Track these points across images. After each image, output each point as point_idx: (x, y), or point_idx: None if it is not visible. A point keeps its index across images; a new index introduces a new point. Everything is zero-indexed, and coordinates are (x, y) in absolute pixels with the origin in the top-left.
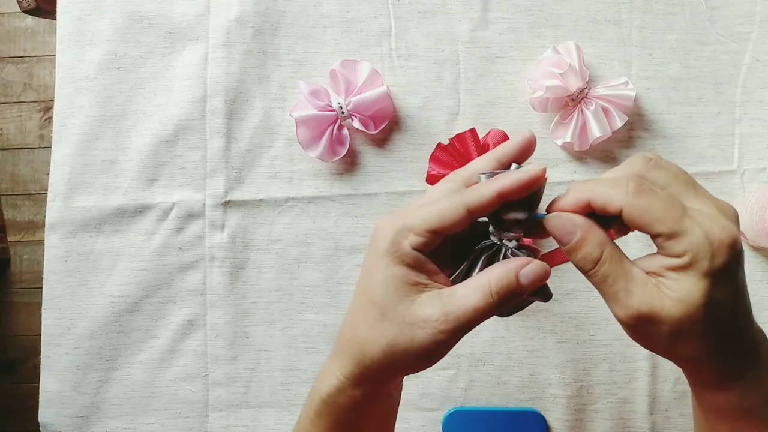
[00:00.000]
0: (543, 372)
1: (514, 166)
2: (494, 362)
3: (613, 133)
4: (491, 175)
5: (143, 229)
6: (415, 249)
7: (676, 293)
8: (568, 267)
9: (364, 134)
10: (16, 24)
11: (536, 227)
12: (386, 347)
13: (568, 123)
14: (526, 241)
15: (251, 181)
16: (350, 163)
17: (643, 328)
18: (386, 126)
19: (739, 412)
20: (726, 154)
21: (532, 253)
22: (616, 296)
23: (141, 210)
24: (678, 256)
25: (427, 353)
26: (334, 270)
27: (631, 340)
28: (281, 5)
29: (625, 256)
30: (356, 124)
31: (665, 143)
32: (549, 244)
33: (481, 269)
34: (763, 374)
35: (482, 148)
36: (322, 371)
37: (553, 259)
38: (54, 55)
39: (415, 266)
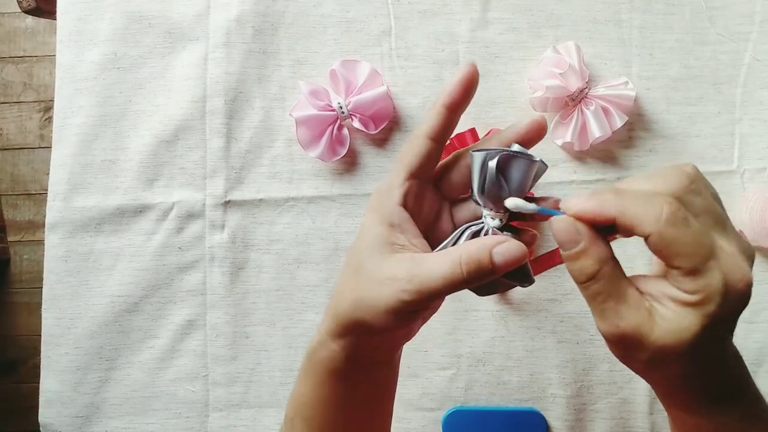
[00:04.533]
0: (543, 372)
1: (516, 146)
2: (494, 362)
3: (613, 133)
4: (492, 152)
5: (143, 229)
6: (400, 204)
7: (670, 324)
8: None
9: (364, 134)
10: (16, 24)
11: (526, 215)
12: (355, 301)
13: (568, 123)
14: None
15: (251, 181)
16: (350, 163)
17: (623, 348)
18: (386, 126)
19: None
20: (726, 154)
21: (520, 234)
22: (604, 313)
23: (141, 210)
24: (689, 293)
25: (392, 312)
26: (334, 270)
27: None
28: (281, 5)
29: (623, 274)
30: (356, 124)
31: (665, 143)
32: (549, 245)
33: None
34: (737, 406)
35: None
36: (316, 331)
37: (552, 259)
38: (54, 55)
39: (397, 226)
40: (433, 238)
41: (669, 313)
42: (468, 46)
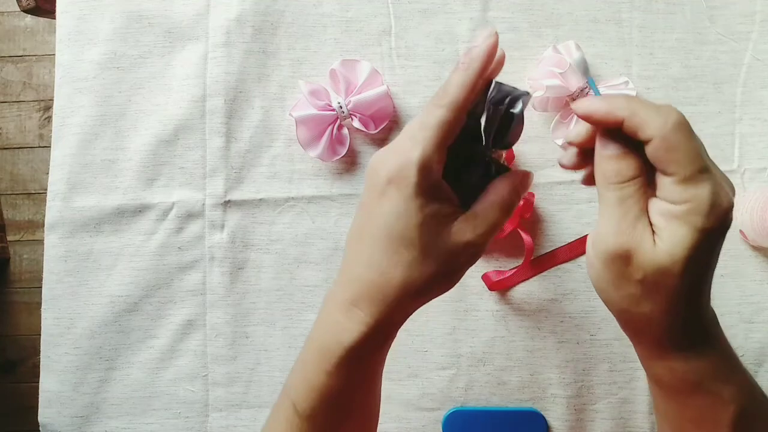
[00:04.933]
0: (543, 372)
1: (505, 86)
2: (494, 362)
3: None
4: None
5: (143, 229)
6: (436, 173)
7: (664, 242)
8: (569, 267)
9: (364, 134)
10: (15, 23)
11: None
12: (430, 278)
13: (568, 122)
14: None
15: (251, 181)
16: (350, 163)
17: (615, 267)
18: (386, 125)
19: (687, 386)
20: (726, 154)
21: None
22: (623, 220)
23: (141, 210)
24: (678, 203)
25: (467, 268)
26: (334, 270)
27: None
28: (281, 5)
29: (646, 197)
30: (356, 123)
31: None
32: (550, 245)
33: (473, 181)
34: (711, 351)
35: None
36: (334, 322)
37: (553, 259)
38: (53, 55)
39: (445, 198)
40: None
41: (664, 233)
42: (468, 46)
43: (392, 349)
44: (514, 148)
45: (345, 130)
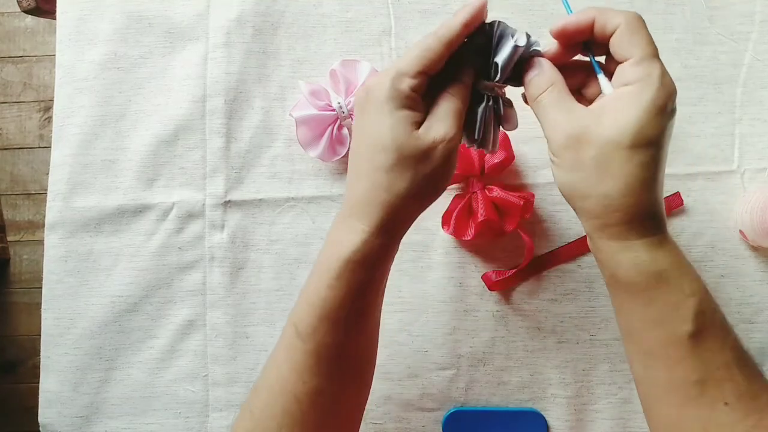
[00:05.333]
0: (543, 372)
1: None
2: (494, 362)
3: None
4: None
5: (143, 229)
6: (413, 90)
7: (612, 116)
8: (569, 267)
9: None
10: (15, 24)
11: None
12: (411, 179)
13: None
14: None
15: (251, 181)
16: None
17: (571, 154)
18: None
19: (651, 279)
20: (726, 154)
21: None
22: (555, 122)
23: (141, 210)
24: (633, 81)
25: (444, 170)
26: None
27: None
28: (281, 5)
29: (571, 97)
30: None
31: None
32: (549, 244)
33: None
34: (670, 242)
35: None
36: (333, 239)
37: (554, 258)
38: (54, 55)
39: (414, 107)
40: None
41: (612, 111)
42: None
43: (392, 349)
44: (514, 148)
45: (345, 130)
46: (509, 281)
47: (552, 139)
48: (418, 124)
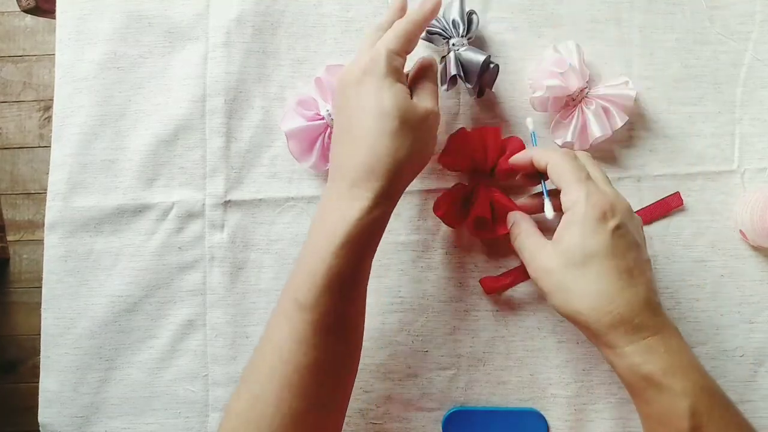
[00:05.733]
0: (543, 372)
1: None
2: (494, 362)
3: (613, 132)
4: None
5: (143, 229)
6: (401, 67)
7: (559, 243)
8: None
9: None
10: (15, 23)
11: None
12: (411, 144)
13: (568, 122)
14: None
15: (251, 181)
16: None
17: (544, 282)
18: None
19: (642, 381)
20: (726, 154)
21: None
22: (528, 260)
23: (141, 210)
24: (567, 209)
25: (433, 139)
26: None
27: None
28: (281, 5)
29: (540, 234)
30: None
31: (665, 143)
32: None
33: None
34: (658, 345)
35: (497, 148)
36: (334, 209)
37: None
38: (53, 55)
39: (404, 82)
40: None
41: (558, 238)
42: None
43: (392, 349)
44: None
45: None
46: (506, 284)
47: (530, 271)
48: (409, 94)
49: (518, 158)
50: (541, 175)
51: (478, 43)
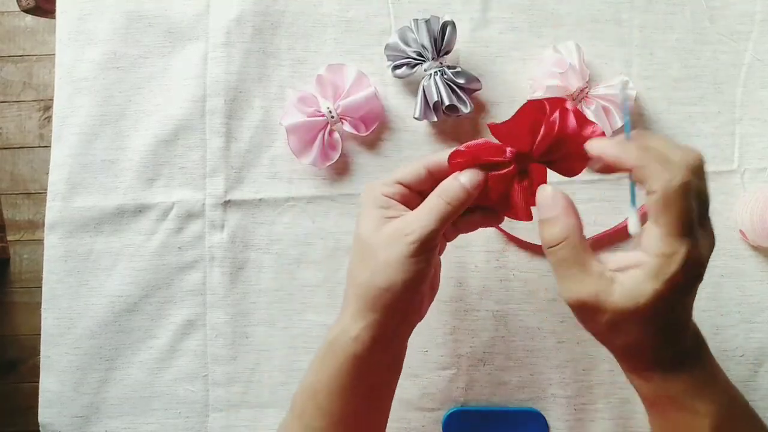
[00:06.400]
0: (543, 372)
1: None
2: (494, 362)
3: (613, 132)
4: None
5: (143, 229)
6: (386, 195)
7: (629, 289)
8: None
9: (356, 137)
10: (15, 23)
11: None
12: (372, 271)
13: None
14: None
15: (251, 181)
16: (349, 163)
17: (583, 312)
18: (377, 127)
19: (664, 401)
20: (726, 154)
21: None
22: (566, 279)
23: (141, 210)
24: (657, 254)
25: (406, 259)
26: (334, 270)
27: None
28: (281, 5)
29: (588, 248)
30: (347, 127)
31: None
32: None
33: None
34: (688, 369)
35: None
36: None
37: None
38: (53, 55)
39: (387, 207)
40: None
41: (629, 280)
42: (468, 46)
43: None
44: None
45: (336, 135)
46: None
47: (565, 297)
48: (392, 219)
49: (608, 153)
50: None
51: (459, 55)
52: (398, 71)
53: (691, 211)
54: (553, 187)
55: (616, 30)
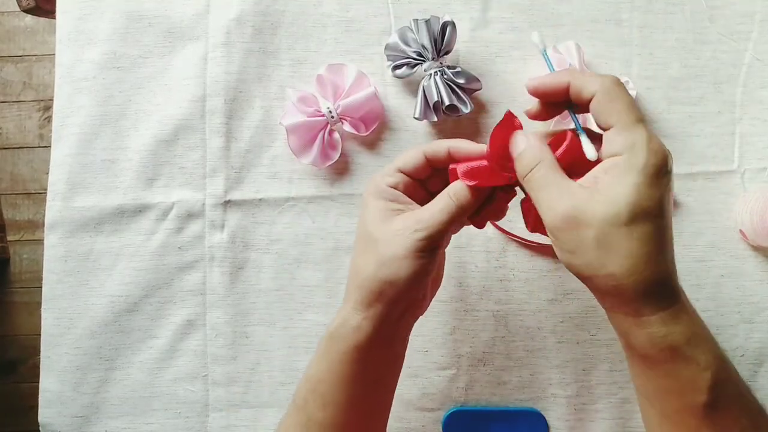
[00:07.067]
0: (543, 372)
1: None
2: (494, 362)
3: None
4: None
5: (143, 229)
6: (390, 186)
7: (606, 192)
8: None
9: (356, 137)
10: (15, 23)
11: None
12: (377, 263)
13: (568, 123)
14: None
15: (251, 181)
16: (349, 163)
17: (570, 236)
18: (377, 127)
19: (665, 352)
20: (726, 154)
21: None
22: (548, 203)
23: (141, 210)
24: (620, 152)
25: (411, 254)
26: (334, 270)
27: None
28: (281, 5)
29: (562, 173)
30: (347, 127)
31: (665, 143)
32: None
33: None
34: (685, 315)
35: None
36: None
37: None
38: (53, 55)
39: (392, 199)
40: None
41: (604, 186)
42: (468, 46)
43: None
44: None
45: (336, 135)
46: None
47: (547, 220)
48: (396, 212)
49: (545, 82)
50: (569, 106)
51: (460, 54)
52: (398, 71)
53: (633, 101)
54: (520, 132)
55: (616, 30)
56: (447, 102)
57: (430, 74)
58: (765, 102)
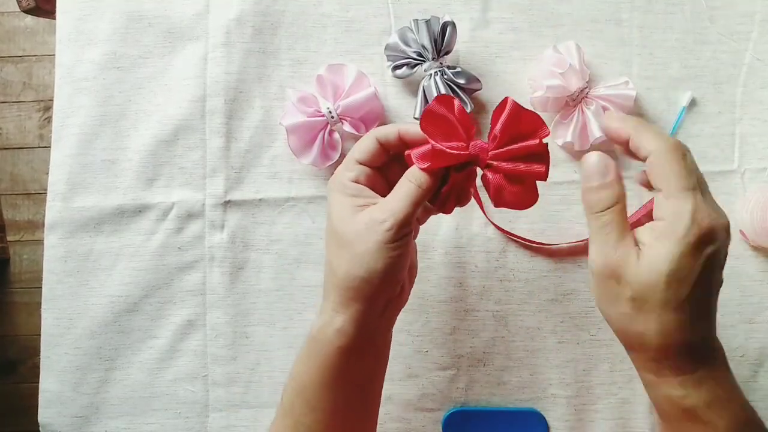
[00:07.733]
0: (543, 372)
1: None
2: (494, 362)
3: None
4: None
5: (143, 229)
6: (352, 180)
7: (647, 256)
8: (569, 267)
9: (358, 137)
10: (15, 23)
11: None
12: (349, 261)
13: (568, 123)
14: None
15: (251, 181)
16: None
17: (609, 285)
18: (377, 127)
19: (682, 413)
20: (726, 154)
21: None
22: (604, 248)
23: (140, 210)
24: (664, 218)
25: (383, 246)
26: None
27: None
28: (281, 5)
29: (627, 220)
30: (347, 127)
31: None
32: (549, 244)
33: None
34: (708, 378)
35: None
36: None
37: (552, 252)
38: (53, 55)
39: (355, 194)
40: None
41: (647, 249)
42: (468, 46)
43: (392, 348)
44: None
45: (336, 135)
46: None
47: (596, 263)
48: (362, 207)
49: (610, 127)
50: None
51: (461, 54)
52: (398, 71)
53: (689, 169)
54: (600, 153)
55: (616, 30)
56: None
57: (430, 74)
58: (765, 102)
